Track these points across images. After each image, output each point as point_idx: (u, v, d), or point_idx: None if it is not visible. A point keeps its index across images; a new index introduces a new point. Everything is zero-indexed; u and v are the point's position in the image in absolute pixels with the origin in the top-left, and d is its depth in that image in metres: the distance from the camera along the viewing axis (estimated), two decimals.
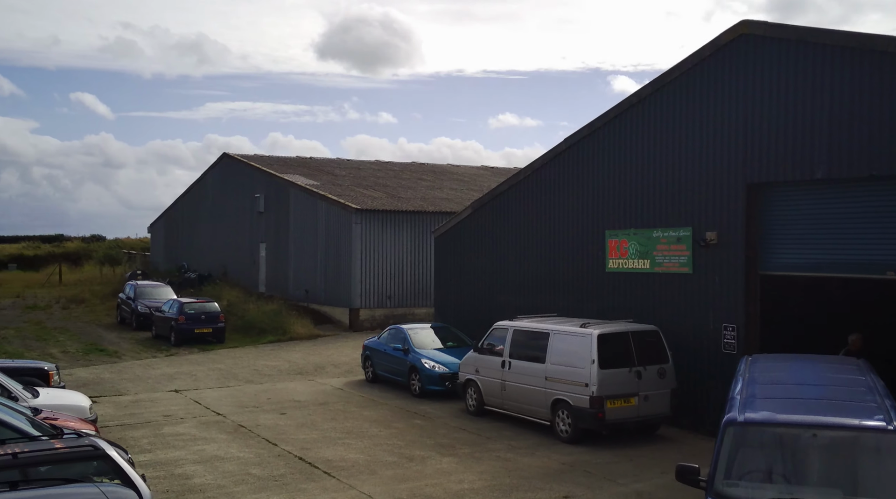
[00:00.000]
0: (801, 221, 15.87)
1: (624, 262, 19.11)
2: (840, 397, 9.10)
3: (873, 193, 14.57)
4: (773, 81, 15.89)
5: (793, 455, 8.30)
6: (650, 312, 18.28)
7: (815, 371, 10.54)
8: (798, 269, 15.94)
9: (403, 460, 14.80)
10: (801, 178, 15.43)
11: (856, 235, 14.85)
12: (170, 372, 25.07)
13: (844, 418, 8.35)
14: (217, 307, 32.59)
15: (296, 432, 16.87)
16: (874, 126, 14.17)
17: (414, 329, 22.60)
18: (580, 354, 16.15)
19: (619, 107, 19.36)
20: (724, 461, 8.34)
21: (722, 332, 16.79)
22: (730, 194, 16.72)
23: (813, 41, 15.16)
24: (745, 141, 16.39)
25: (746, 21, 16.47)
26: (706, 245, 17.07)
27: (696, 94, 17.44)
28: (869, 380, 9.91)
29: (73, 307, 44.02)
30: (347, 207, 35.02)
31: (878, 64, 14.13)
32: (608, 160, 19.64)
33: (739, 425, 8.48)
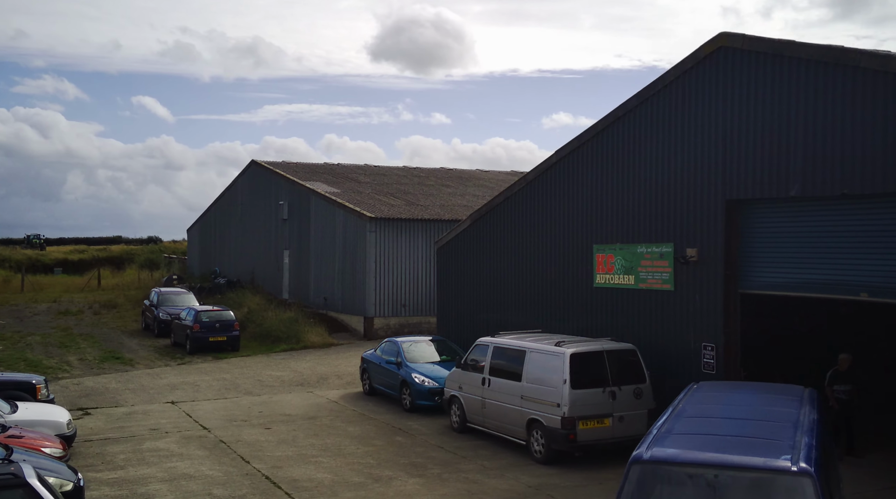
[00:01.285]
0: (779, 239, 15.47)
1: (610, 277, 18.84)
2: (759, 434, 8.81)
3: (846, 213, 14.13)
4: (750, 96, 15.51)
5: (696, 495, 8.06)
6: (634, 329, 17.98)
7: (748, 403, 10.23)
8: (777, 288, 15.53)
9: (369, 481, 14.76)
10: (776, 195, 15.03)
11: (830, 254, 14.43)
12: (175, 382, 25.39)
13: (750, 457, 8.09)
14: (232, 316, 32.94)
15: (273, 449, 16.93)
16: (847, 143, 13.73)
17: (408, 342, 22.53)
18: (553, 374, 15.94)
19: (606, 118, 19.09)
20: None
21: (702, 351, 16.44)
22: (709, 210, 16.37)
23: (788, 55, 14.76)
24: (725, 156, 16.03)
25: (725, 33, 16.10)
26: (686, 262, 16.73)
27: (678, 108, 17.11)
28: (801, 414, 9.59)
29: (104, 313, 44.91)
30: (362, 215, 35.12)
31: (850, 79, 13.69)
32: (596, 173, 19.37)
33: (644, 463, 8.29)
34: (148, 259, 73.45)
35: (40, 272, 71.83)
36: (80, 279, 65.26)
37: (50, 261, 78.07)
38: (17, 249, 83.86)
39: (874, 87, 13.27)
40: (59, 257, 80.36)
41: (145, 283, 57.78)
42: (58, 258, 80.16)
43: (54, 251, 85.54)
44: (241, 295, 41.86)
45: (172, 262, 68.61)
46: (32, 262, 76.77)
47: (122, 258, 78.13)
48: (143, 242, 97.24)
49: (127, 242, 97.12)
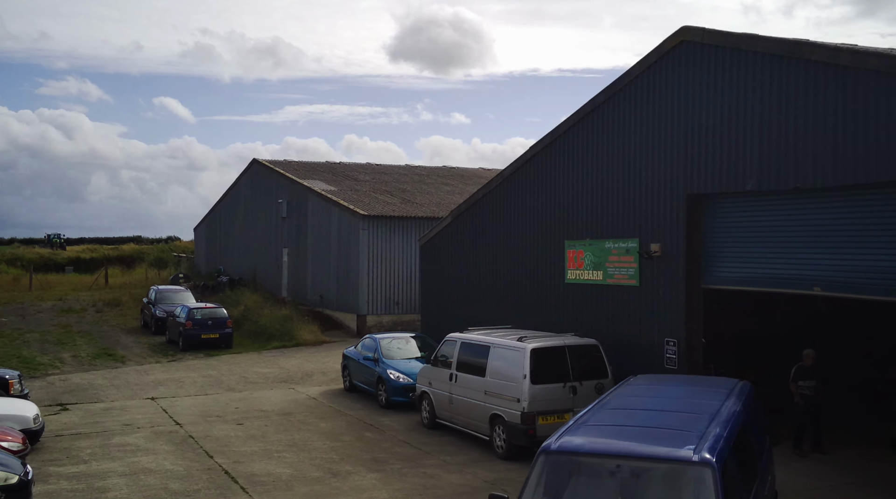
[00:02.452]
0: (738, 234, 15.40)
1: (580, 273, 18.82)
2: (672, 425, 8.79)
3: (799, 207, 14.06)
4: (710, 90, 15.46)
5: (598, 485, 8.08)
6: (602, 324, 17.97)
7: (674, 396, 10.23)
8: (737, 283, 15.46)
9: (327, 476, 14.83)
10: (734, 189, 14.97)
11: (785, 249, 14.35)
12: (161, 378, 25.60)
13: (653, 447, 8.10)
14: (225, 313, 33.15)
15: (240, 445, 17.05)
16: (799, 137, 13.65)
17: (386, 339, 22.60)
18: (515, 369, 15.95)
19: (577, 114, 19.07)
20: (531, 490, 8.17)
21: (664, 346, 16.40)
22: (672, 205, 16.33)
23: (746, 48, 14.69)
24: (686, 151, 15.97)
25: (686, 27, 16.05)
26: (650, 257, 16.70)
27: (643, 103, 17.07)
28: (723, 406, 9.56)
29: (107, 311, 45.25)
30: (356, 213, 35.23)
31: (803, 72, 13.61)
32: (568, 169, 19.36)
33: (550, 453, 8.31)
34: (158, 258, 73.92)
35: (52, 271, 72.47)
36: (90, 278, 65.80)
37: (62, 260, 78.74)
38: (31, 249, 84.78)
39: (825, 81, 13.19)
40: (71, 256, 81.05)
41: (153, 281, 58.11)
42: (70, 257, 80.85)
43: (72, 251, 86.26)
44: (240, 293, 42.14)
45: (181, 261, 69.03)
46: (45, 260, 77.48)
47: (133, 257, 78.68)
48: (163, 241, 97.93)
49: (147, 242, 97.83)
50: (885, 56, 12.22)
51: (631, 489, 7.91)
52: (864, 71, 12.53)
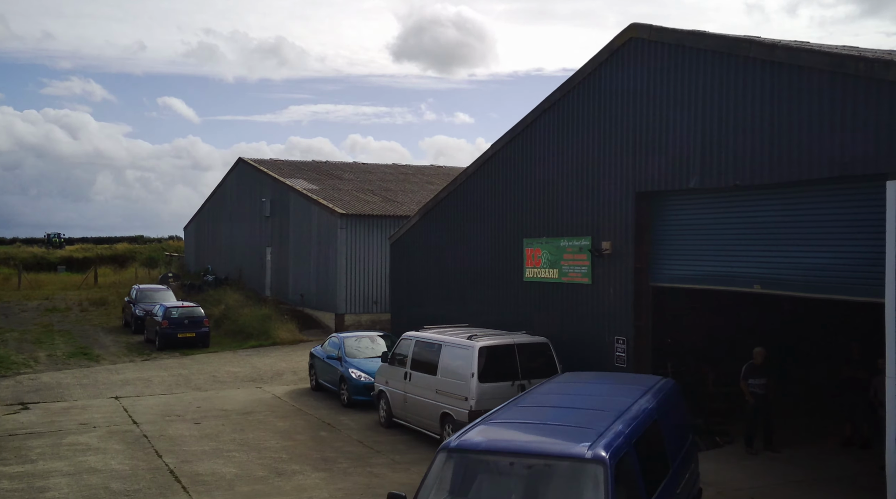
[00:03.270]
0: (685, 231, 15.34)
1: (538, 271, 18.77)
2: (577, 422, 8.75)
3: (740, 204, 13.99)
4: (656, 87, 15.39)
5: (496, 482, 8.05)
6: (558, 322, 17.93)
7: (591, 393, 10.20)
8: (684, 281, 15.40)
9: (272, 476, 14.80)
10: (678, 187, 14.91)
11: (727, 247, 14.29)
12: (130, 377, 25.59)
13: (548, 444, 8.07)
14: (202, 312, 33.13)
15: (192, 444, 17.02)
16: (738, 134, 13.59)
17: (351, 338, 22.58)
18: (464, 367, 15.92)
19: (535, 111, 19.01)
20: (427, 488, 8.14)
21: (614, 345, 16.35)
22: (621, 203, 16.27)
23: (689, 45, 14.63)
24: (634, 148, 15.92)
25: (635, 24, 15.98)
26: (601, 255, 16.64)
27: (595, 100, 17.01)
28: (636, 404, 9.51)
29: (92, 310, 45.29)
30: (334, 212, 35.19)
31: (742, 69, 13.54)
32: (526, 166, 19.31)
33: (449, 451, 8.28)
34: (149, 257, 74.00)
35: (45, 270, 72.48)
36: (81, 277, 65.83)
37: (54, 259, 78.77)
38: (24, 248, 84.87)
39: (762, 77, 13.12)
40: (64, 256, 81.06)
41: (143, 281, 58.17)
42: (63, 256, 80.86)
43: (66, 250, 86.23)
44: (222, 292, 42.13)
45: (172, 260, 69.06)
46: (37, 260, 77.54)
47: (125, 257, 78.63)
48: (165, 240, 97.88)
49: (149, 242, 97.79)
50: (818, 53, 12.15)
51: (526, 486, 7.89)
52: (797, 68, 12.47)
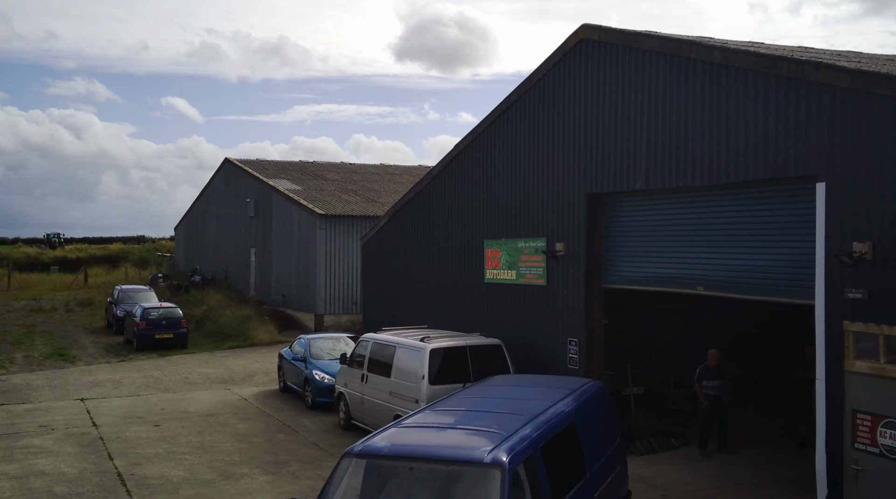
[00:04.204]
0: (634, 233, 15.28)
1: (497, 272, 18.72)
2: (486, 426, 8.68)
3: (683, 206, 13.94)
4: (605, 89, 15.34)
5: (397, 487, 8.02)
6: (515, 324, 17.88)
7: (512, 396, 10.16)
8: (634, 282, 15.35)
9: (219, 479, 14.77)
10: (626, 188, 14.86)
11: (672, 248, 14.25)
12: (101, 379, 25.58)
13: (448, 449, 8.03)
14: (180, 313, 33.11)
15: (147, 447, 16.99)
16: (681, 135, 13.53)
17: (317, 339, 22.56)
18: (415, 369, 15.88)
19: (494, 112, 18.96)
20: (331, 494, 8.10)
21: (567, 346, 16.30)
22: (574, 204, 16.22)
23: (636, 46, 14.57)
24: (586, 150, 15.87)
25: (585, 25, 15.93)
26: (555, 256, 16.59)
27: (549, 101, 16.96)
28: (553, 407, 9.46)
29: (78, 310, 45.31)
30: (314, 213, 35.16)
31: (684, 70, 13.49)
32: (486, 167, 19.27)
33: (353, 456, 8.24)
34: (141, 258, 73.94)
35: (38, 271, 72.55)
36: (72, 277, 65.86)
37: (48, 259, 78.81)
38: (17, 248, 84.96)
39: (703, 79, 13.08)
40: (57, 256, 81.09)
41: (133, 281, 58.20)
42: (56, 257, 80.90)
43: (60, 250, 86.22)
44: (205, 293, 42.12)
45: (164, 260, 69.05)
46: (31, 260, 77.59)
47: (119, 257, 78.56)
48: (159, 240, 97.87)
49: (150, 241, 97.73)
50: (752, 54, 12.09)
51: (428, 491, 7.85)
52: (734, 69, 12.41)
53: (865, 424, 10.44)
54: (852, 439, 10.60)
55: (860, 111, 10.47)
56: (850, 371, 10.67)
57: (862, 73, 10.42)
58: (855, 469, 10.53)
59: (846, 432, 10.68)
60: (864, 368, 10.49)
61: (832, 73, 10.79)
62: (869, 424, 10.39)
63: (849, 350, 10.69)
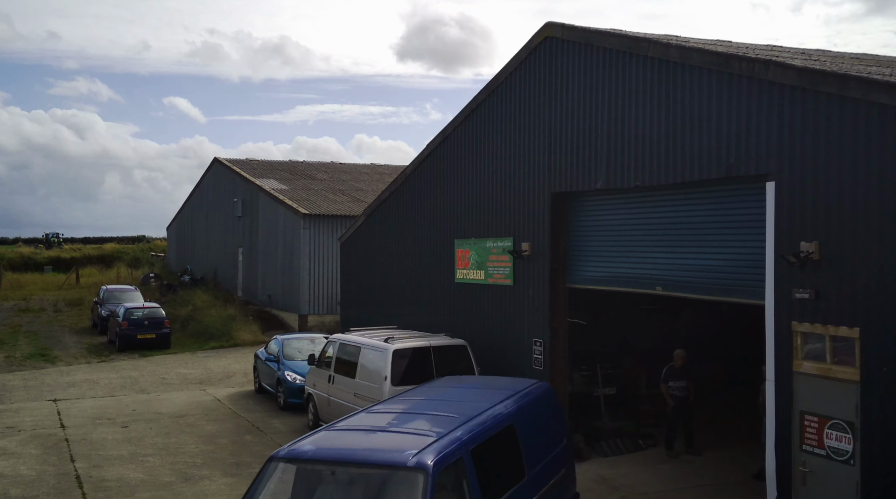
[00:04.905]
0: (598, 233, 15.16)
1: (467, 272, 18.60)
2: (418, 429, 8.58)
3: (642, 205, 13.81)
4: (569, 87, 15.22)
5: (323, 492, 7.91)
6: (484, 324, 17.78)
7: (454, 399, 10.06)
8: (597, 282, 15.22)
9: (178, 481, 14.67)
10: (588, 188, 14.74)
11: (632, 248, 14.12)
12: (78, 380, 25.49)
13: (372, 453, 7.93)
14: (163, 313, 33.01)
15: (111, 448, 16.89)
16: (640, 134, 13.41)
17: (291, 339, 22.46)
18: (378, 370, 15.79)
19: (464, 111, 18.84)
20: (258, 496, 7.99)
21: (532, 347, 16.18)
22: (539, 204, 16.10)
23: (596, 44, 14.45)
24: (550, 148, 15.75)
25: (550, 23, 15.81)
26: (520, 256, 16.48)
27: (515, 100, 16.85)
28: (491, 410, 9.34)
29: (66, 310, 45.24)
30: (297, 212, 35.05)
31: (641, 68, 13.36)
32: (456, 166, 19.15)
33: (278, 460, 8.14)
34: (135, 258, 73.83)
35: (32, 271, 72.48)
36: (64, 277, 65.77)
37: (41, 259, 78.72)
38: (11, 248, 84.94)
39: (659, 77, 12.95)
40: (51, 256, 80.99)
41: (124, 280, 58.12)
42: (50, 257, 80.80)
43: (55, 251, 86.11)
44: (191, 293, 42.04)
45: (157, 260, 68.97)
46: (24, 260, 77.51)
47: (113, 257, 78.43)
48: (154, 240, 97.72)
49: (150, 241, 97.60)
50: (707, 52, 11.97)
51: (352, 495, 7.74)
52: (689, 67, 12.29)
53: (813, 425, 10.32)
54: (800, 440, 10.49)
55: (807, 110, 10.35)
56: (798, 372, 10.55)
57: (809, 71, 10.29)
58: (802, 471, 10.41)
59: (794, 433, 10.57)
60: (811, 369, 10.38)
61: (780, 71, 10.67)
62: (816, 425, 10.28)
63: (797, 351, 10.58)
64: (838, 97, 9.89)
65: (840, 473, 9.91)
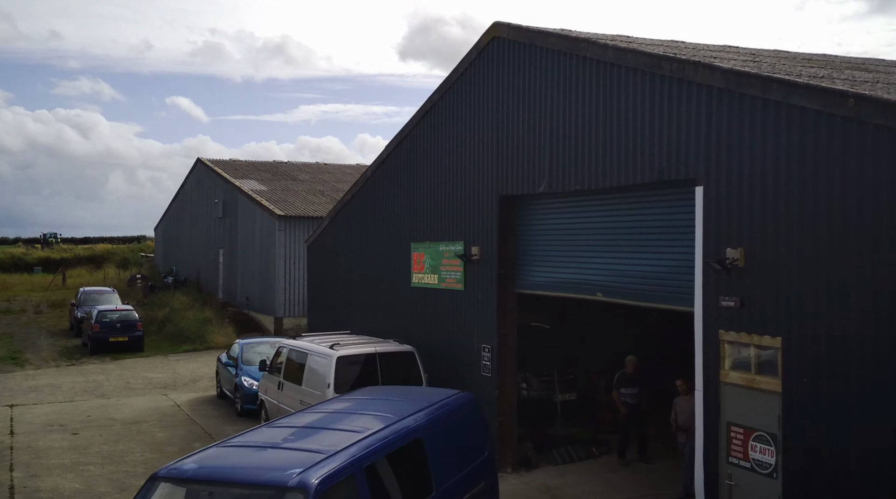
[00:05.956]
0: (544, 237, 14.85)
1: (422, 276, 18.30)
2: (310, 446, 8.26)
3: (583, 210, 13.50)
4: (515, 87, 14.92)
5: None
6: (437, 329, 17.47)
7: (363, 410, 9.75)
8: (543, 287, 14.90)
9: (114, 492, 14.39)
10: (532, 191, 14.42)
11: (574, 253, 13.82)
12: (41, 384, 25.21)
13: (253, 472, 7.63)
14: (136, 316, 32.75)
15: (55, 457, 16.60)
16: (579, 136, 13.10)
17: (250, 344, 22.16)
18: (323, 377, 15.50)
19: (419, 112, 18.53)
20: None
21: (481, 353, 15.88)
22: (488, 207, 15.79)
23: (540, 45, 14.14)
24: (498, 150, 15.44)
25: (497, 23, 15.50)
26: (470, 260, 16.17)
27: (466, 101, 16.55)
28: (398, 424, 9.03)
29: (48, 312, 45.02)
30: (273, 213, 34.76)
31: (581, 69, 13.05)
32: (413, 168, 18.84)
33: (158, 479, 7.83)
34: (124, 258, 73.61)
35: (21, 271, 72.29)
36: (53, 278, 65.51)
37: (31, 260, 78.48)
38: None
39: (597, 78, 12.65)
40: (42, 257, 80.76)
41: (112, 281, 57.85)
42: (41, 257, 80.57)
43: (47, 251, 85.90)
44: (170, 295, 41.80)
45: (145, 261, 68.72)
46: (14, 261, 77.30)
47: (104, 257, 78.19)
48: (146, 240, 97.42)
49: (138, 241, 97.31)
50: (641, 53, 11.66)
51: None
52: (624, 68, 11.98)
53: (739, 437, 10.02)
54: (727, 452, 10.18)
55: (733, 113, 10.04)
56: (726, 382, 10.24)
57: (734, 72, 9.98)
58: (728, 484, 10.10)
59: (722, 445, 10.26)
60: (737, 380, 10.07)
61: (708, 72, 10.36)
62: (742, 437, 9.97)
63: (724, 360, 10.27)
64: (762, 100, 9.58)
65: (764, 486, 9.61)
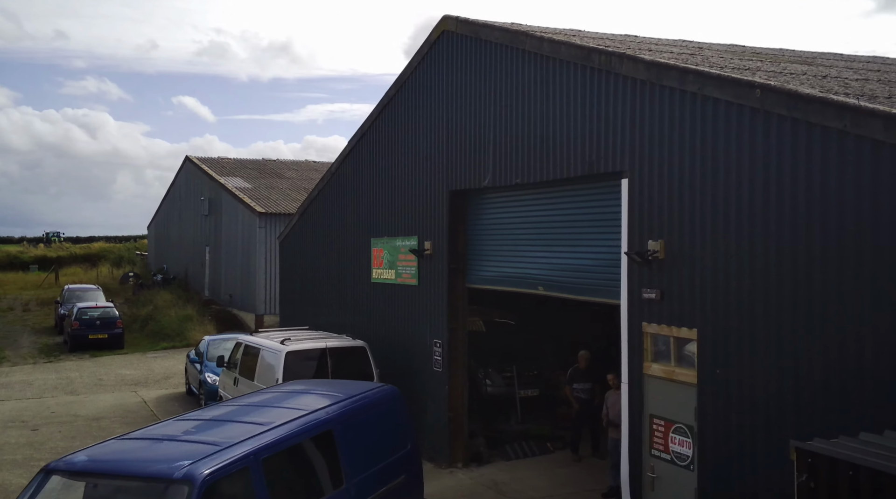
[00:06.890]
0: (489, 232, 14.81)
1: (381, 272, 18.27)
2: (207, 438, 8.22)
3: (524, 203, 13.46)
4: (462, 81, 14.89)
5: None
6: (393, 325, 17.45)
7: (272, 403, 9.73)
8: (492, 282, 14.86)
9: None
10: (476, 186, 14.39)
11: (515, 247, 13.77)
12: (13, 381, 25.25)
13: (140, 464, 7.61)
14: (116, 313, 32.79)
15: (8, 453, 16.63)
16: (520, 129, 13.06)
17: (216, 340, 22.15)
18: (273, 372, 15.45)
19: (378, 106, 18.50)
20: None
21: (433, 348, 15.85)
22: (438, 202, 15.76)
23: (485, 38, 14.11)
24: (448, 144, 15.41)
25: (447, 17, 15.47)
26: (423, 256, 16.14)
27: (419, 96, 16.52)
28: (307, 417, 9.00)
29: (35, 310, 45.10)
30: (254, 211, 34.77)
31: (521, 63, 13.01)
32: (372, 164, 18.81)
33: (50, 471, 7.82)
34: (119, 257, 73.74)
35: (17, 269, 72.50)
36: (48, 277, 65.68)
37: (28, 258, 78.67)
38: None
39: (535, 71, 12.60)
40: (38, 255, 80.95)
41: (104, 280, 57.95)
42: (37, 255, 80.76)
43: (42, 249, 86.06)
44: (155, 292, 41.83)
45: (139, 259, 68.84)
46: (10, 259, 77.53)
47: (99, 256, 78.32)
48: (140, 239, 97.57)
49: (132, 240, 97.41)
50: (573, 46, 11.61)
51: None
52: (558, 61, 11.94)
53: (660, 429, 9.98)
54: (650, 445, 10.14)
55: (654, 104, 10.00)
56: (648, 374, 10.20)
57: (655, 64, 9.94)
58: (651, 477, 10.06)
59: (645, 438, 10.22)
60: (658, 372, 10.03)
61: (632, 64, 10.32)
62: (663, 429, 9.93)
63: (647, 353, 10.23)
64: (679, 92, 9.54)
65: (682, 478, 9.57)
